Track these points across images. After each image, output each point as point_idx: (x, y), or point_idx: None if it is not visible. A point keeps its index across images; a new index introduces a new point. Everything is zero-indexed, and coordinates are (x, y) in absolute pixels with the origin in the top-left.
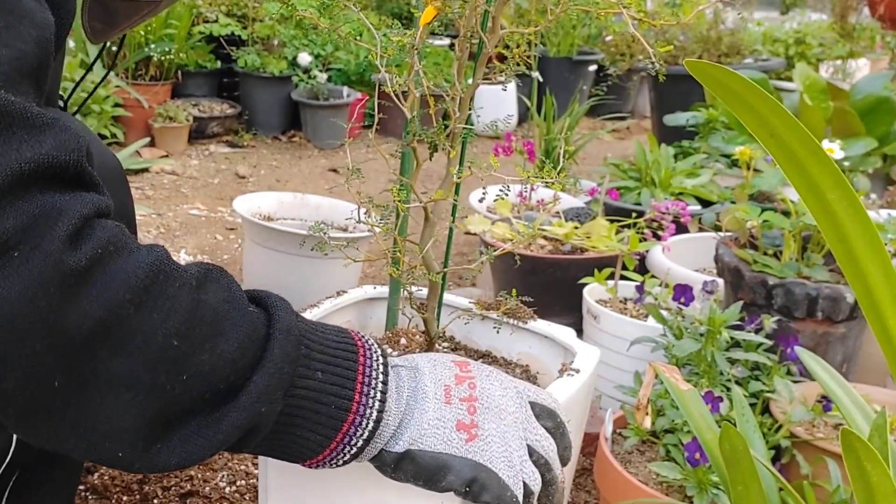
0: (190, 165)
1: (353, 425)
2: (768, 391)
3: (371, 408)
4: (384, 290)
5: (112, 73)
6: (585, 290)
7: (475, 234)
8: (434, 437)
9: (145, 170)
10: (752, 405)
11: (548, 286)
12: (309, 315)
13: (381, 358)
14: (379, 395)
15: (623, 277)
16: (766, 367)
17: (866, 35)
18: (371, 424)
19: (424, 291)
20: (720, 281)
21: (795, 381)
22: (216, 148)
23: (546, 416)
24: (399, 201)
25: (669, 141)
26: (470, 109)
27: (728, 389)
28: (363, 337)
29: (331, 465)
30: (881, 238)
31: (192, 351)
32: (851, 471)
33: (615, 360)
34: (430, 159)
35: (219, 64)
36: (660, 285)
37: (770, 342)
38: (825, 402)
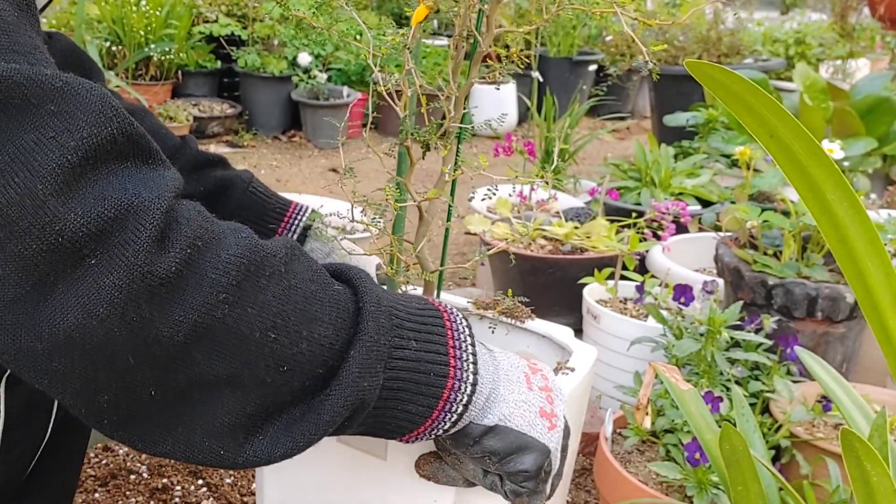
0: None
1: (452, 391)
2: (768, 391)
3: (467, 371)
4: None
5: (112, 73)
6: (585, 290)
7: (475, 234)
8: (521, 417)
9: None
10: (752, 405)
11: (548, 286)
12: None
13: (465, 323)
14: (471, 359)
15: (623, 277)
16: (766, 367)
17: (866, 35)
18: (469, 389)
19: (420, 290)
20: (720, 281)
21: (795, 381)
22: (216, 148)
23: None
24: (392, 200)
25: (669, 141)
26: (465, 109)
27: (728, 389)
28: (442, 303)
29: (428, 436)
30: (881, 238)
31: (290, 341)
32: (851, 471)
33: (615, 360)
34: (423, 158)
35: (219, 64)
36: (660, 285)
37: (770, 342)
38: (825, 402)
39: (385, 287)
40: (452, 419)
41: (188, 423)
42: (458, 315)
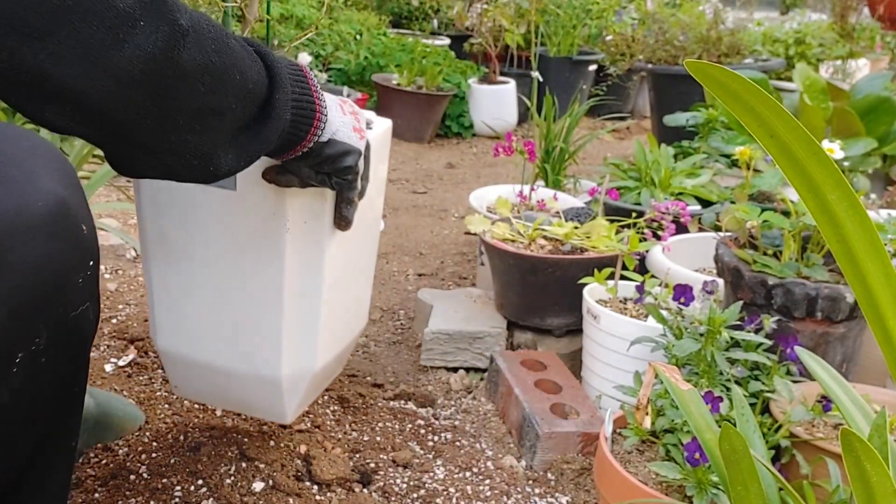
0: None
1: (318, 120)
2: (768, 391)
3: (323, 107)
4: None
5: None
6: (585, 290)
7: (475, 234)
8: (343, 132)
9: None
10: (752, 405)
11: (548, 286)
12: None
13: (314, 77)
14: (323, 100)
15: (623, 277)
16: (765, 367)
17: (866, 35)
18: (324, 118)
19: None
20: (720, 281)
21: (795, 381)
22: None
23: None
24: None
25: (669, 141)
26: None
27: (728, 389)
28: (303, 65)
29: (302, 152)
30: (881, 238)
31: (245, 80)
32: (851, 471)
33: (615, 360)
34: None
35: None
36: (660, 285)
37: (770, 342)
38: (825, 402)
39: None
40: (317, 136)
41: (193, 145)
42: (312, 75)
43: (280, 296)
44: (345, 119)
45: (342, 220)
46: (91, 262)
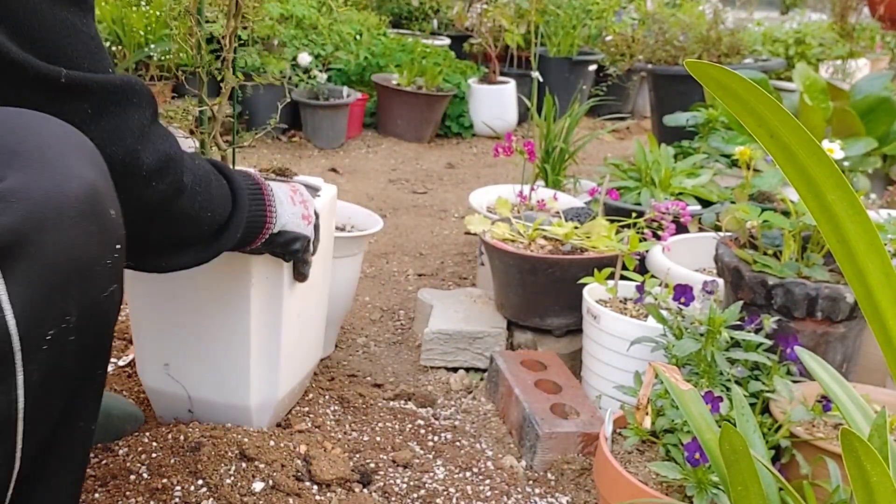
0: None
1: (268, 223)
2: (768, 391)
3: (273, 210)
4: None
5: None
6: (585, 290)
7: (475, 234)
8: (292, 223)
9: None
10: (752, 405)
11: (548, 286)
12: None
13: (269, 185)
14: (274, 202)
15: (623, 277)
16: (766, 367)
17: (866, 35)
18: (275, 219)
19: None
20: (720, 281)
21: (795, 381)
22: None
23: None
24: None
25: (669, 141)
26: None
27: (728, 389)
28: (259, 176)
29: (259, 244)
30: (881, 238)
31: (213, 216)
32: (851, 471)
33: (615, 360)
34: None
35: (219, 64)
36: (660, 285)
37: (770, 342)
38: (825, 402)
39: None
40: (266, 235)
41: (173, 247)
42: (265, 181)
43: (248, 337)
44: (294, 210)
45: (300, 276)
46: (118, 246)
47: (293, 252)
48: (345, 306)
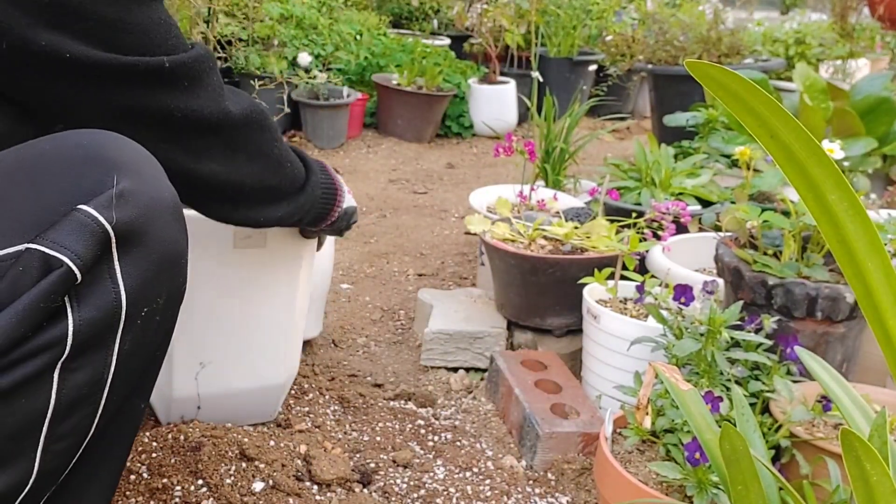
0: None
1: (338, 202)
2: (768, 391)
3: (342, 189)
4: None
5: None
6: (585, 290)
7: (475, 234)
8: (350, 203)
9: None
10: (752, 405)
11: (548, 286)
12: None
13: (340, 175)
14: (344, 187)
15: (623, 277)
16: (766, 367)
17: (866, 35)
18: (345, 196)
19: None
20: (720, 281)
21: (795, 381)
22: None
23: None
24: None
25: (669, 141)
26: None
27: (728, 389)
28: (330, 169)
29: (333, 220)
30: (881, 238)
31: (295, 163)
32: (851, 471)
33: (615, 360)
34: None
35: (219, 64)
36: (660, 285)
37: (770, 342)
38: (825, 402)
39: None
40: (342, 207)
41: (266, 196)
42: (335, 172)
43: (292, 316)
44: (349, 197)
45: (320, 245)
46: (189, 248)
47: (351, 225)
48: (324, 283)
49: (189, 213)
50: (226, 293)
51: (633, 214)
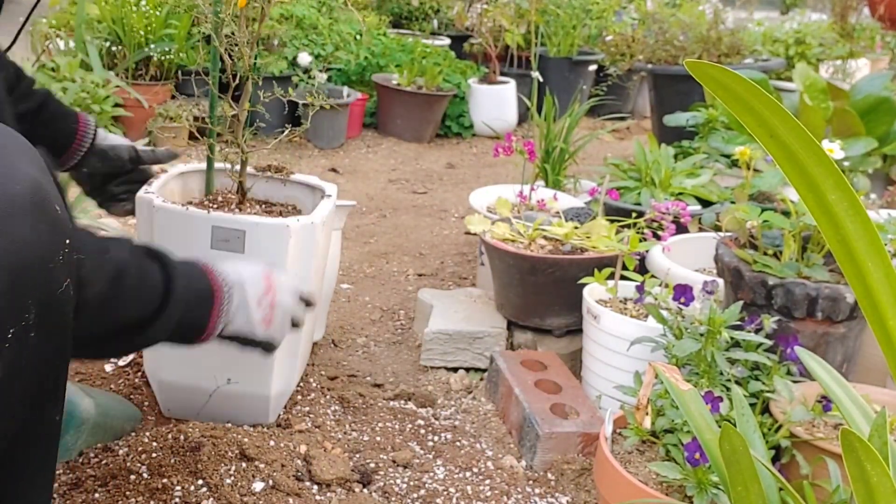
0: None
1: (209, 330)
2: (768, 391)
3: (220, 317)
4: (196, 166)
5: (112, 73)
6: (585, 290)
7: (475, 234)
8: (246, 329)
9: None
10: (752, 405)
11: (548, 286)
12: (154, 185)
13: (229, 286)
14: (226, 310)
15: (623, 277)
16: (766, 367)
17: (866, 35)
18: (220, 325)
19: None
20: (720, 281)
21: (795, 381)
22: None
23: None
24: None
25: (669, 141)
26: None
27: (728, 389)
28: (221, 275)
29: (211, 338)
30: (881, 238)
31: (136, 302)
32: (851, 471)
33: (615, 360)
34: None
35: (219, 64)
36: (660, 285)
37: (770, 342)
38: (825, 402)
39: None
40: (210, 338)
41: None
42: (226, 280)
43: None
44: (255, 315)
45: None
46: (67, 241)
47: (256, 351)
48: (328, 287)
49: (168, 206)
50: None
51: (633, 214)
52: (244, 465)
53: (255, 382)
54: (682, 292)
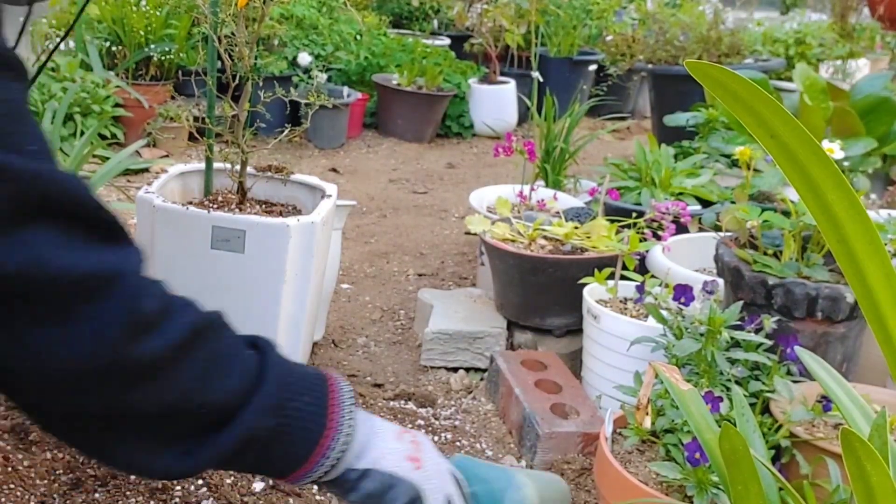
0: None
1: (329, 439)
2: (768, 391)
3: (343, 426)
4: (196, 166)
5: (112, 73)
6: (585, 290)
7: (475, 234)
8: (389, 461)
9: (145, 170)
10: (752, 405)
11: (548, 286)
12: (154, 185)
13: (349, 391)
14: (349, 418)
15: (623, 277)
16: (766, 367)
17: (866, 35)
18: (344, 439)
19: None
20: (720, 281)
21: (795, 381)
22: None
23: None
24: None
25: (669, 141)
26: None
27: (728, 389)
28: (333, 375)
29: (311, 477)
30: (881, 238)
31: (208, 390)
32: (851, 471)
33: (615, 360)
34: None
35: (219, 64)
36: (660, 285)
37: (770, 342)
38: (825, 402)
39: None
40: (331, 463)
41: (131, 434)
42: (344, 386)
43: (276, 325)
44: (396, 446)
45: None
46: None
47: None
48: (329, 287)
49: (168, 206)
50: (203, 295)
51: (633, 214)
52: None
53: None
54: (682, 292)
